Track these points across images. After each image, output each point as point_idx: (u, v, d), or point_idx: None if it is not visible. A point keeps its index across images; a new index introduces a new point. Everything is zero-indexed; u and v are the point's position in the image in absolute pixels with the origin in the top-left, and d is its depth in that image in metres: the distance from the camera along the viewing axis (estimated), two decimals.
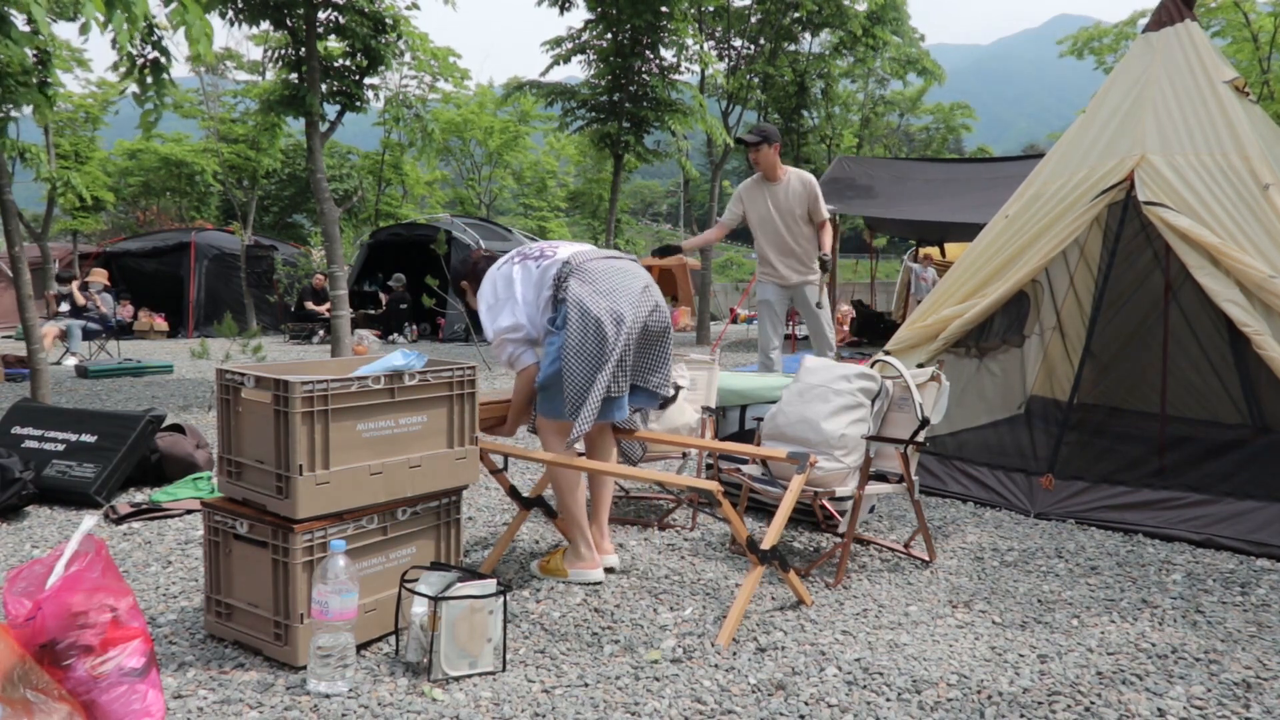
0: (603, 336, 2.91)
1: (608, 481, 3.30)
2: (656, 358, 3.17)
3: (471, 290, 3.30)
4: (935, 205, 11.29)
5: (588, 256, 3.08)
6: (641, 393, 3.20)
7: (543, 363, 3.02)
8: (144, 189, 21.28)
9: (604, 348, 2.91)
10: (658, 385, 3.19)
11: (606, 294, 2.98)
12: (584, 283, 2.99)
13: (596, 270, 3.03)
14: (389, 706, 2.22)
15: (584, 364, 2.91)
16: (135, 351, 11.51)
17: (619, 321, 2.94)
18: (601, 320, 2.91)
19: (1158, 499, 3.87)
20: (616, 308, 2.96)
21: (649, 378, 3.17)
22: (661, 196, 55.50)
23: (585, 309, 2.92)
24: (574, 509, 3.10)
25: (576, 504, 3.10)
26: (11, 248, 5.96)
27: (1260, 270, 3.75)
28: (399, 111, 9.17)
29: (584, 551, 3.11)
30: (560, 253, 3.11)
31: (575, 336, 2.91)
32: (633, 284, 3.05)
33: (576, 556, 3.11)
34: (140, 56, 5.21)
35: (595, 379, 2.90)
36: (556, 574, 3.13)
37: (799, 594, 2.93)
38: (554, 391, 2.97)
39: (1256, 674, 2.50)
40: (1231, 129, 4.06)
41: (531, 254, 3.15)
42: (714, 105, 14.92)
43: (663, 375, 3.19)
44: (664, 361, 3.19)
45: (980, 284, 4.54)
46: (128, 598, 2.05)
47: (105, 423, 4.27)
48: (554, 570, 3.14)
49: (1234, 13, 13.08)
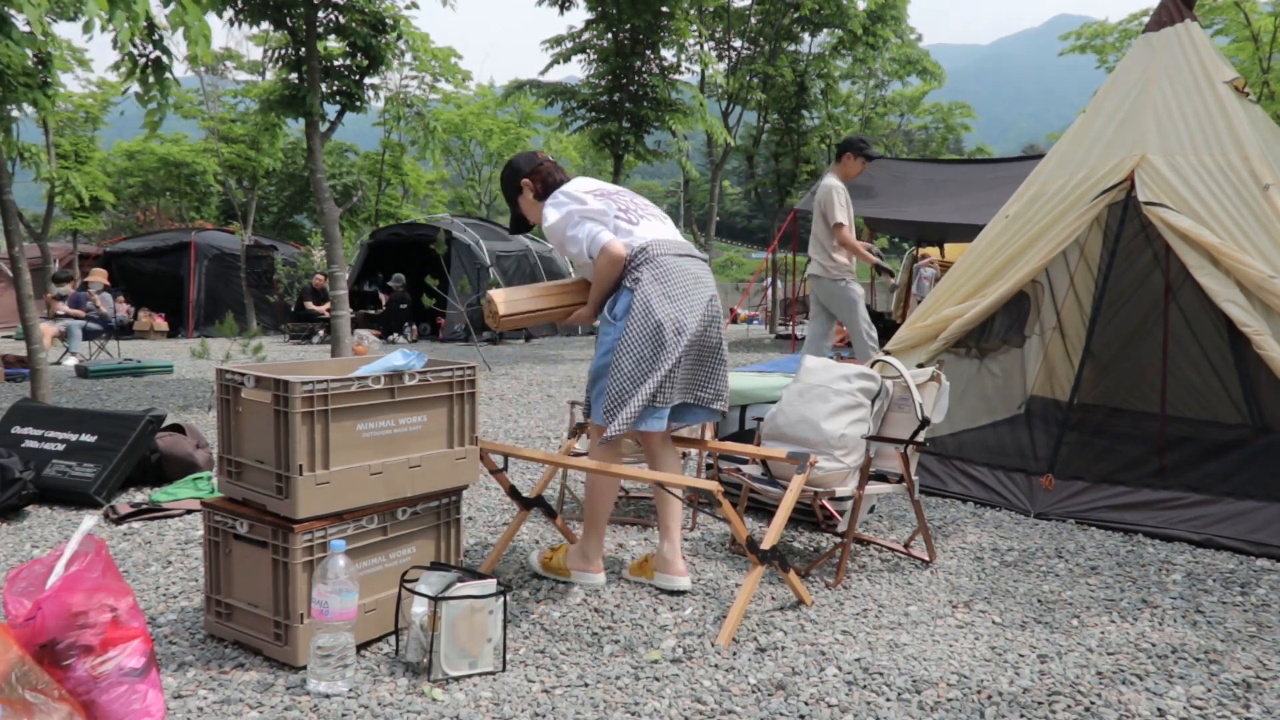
0: (661, 342, 2.78)
1: (674, 501, 3.10)
2: (709, 372, 3.00)
3: (533, 191, 3.09)
4: (935, 205, 11.28)
5: (665, 249, 2.91)
6: (696, 408, 3.05)
7: (597, 352, 2.91)
8: (144, 189, 21.28)
9: (659, 354, 2.79)
10: (710, 400, 3.02)
11: (675, 298, 2.84)
12: (656, 280, 2.84)
13: (671, 268, 2.87)
14: (389, 706, 2.22)
15: (634, 365, 2.79)
16: (135, 351, 11.51)
17: (680, 331, 2.82)
18: (663, 325, 2.79)
19: (1158, 499, 3.87)
20: (681, 316, 2.83)
21: (700, 392, 3.01)
22: (661, 196, 55.51)
23: (650, 309, 2.80)
24: (600, 513, 3.02)
25: (605, 509, 3.03)
26: (11, 248, 5.96)
27: (1260, 270, 3.75)
28: (400, 111, 9.17)
29: (591, 555, 3.05)
30: (641, 229, 2.95)
31: (634, 334, 2.79)
32: (702, 293, 2.92)
33: (584, 559, 3.05)
34: (142, 56, 5.22)
35: (642, 384, 2.79)
36: (558, 572, 3.08)
37: (799, 594, 2.93)
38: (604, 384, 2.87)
39: (1256, 674, 2.50)
40: (1231, 129, 4.06)
41: (619, 203, 2.98)
42: (714, 105, 14.92)
43: (714, 389, 3.02)
44: (716, 376, 3.02)
45: (981, 284, 4.54)
46: (128, 598, 2.05)
47: (105, 423, 4.27)
48: (556, 568, 3.09)
49: (1235, 13, 13.08)
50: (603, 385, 2.86)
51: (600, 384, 2.88)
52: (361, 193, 21.86)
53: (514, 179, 3.15)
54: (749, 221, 56.50)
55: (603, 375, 2.87)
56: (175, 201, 22.20)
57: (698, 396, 2.99)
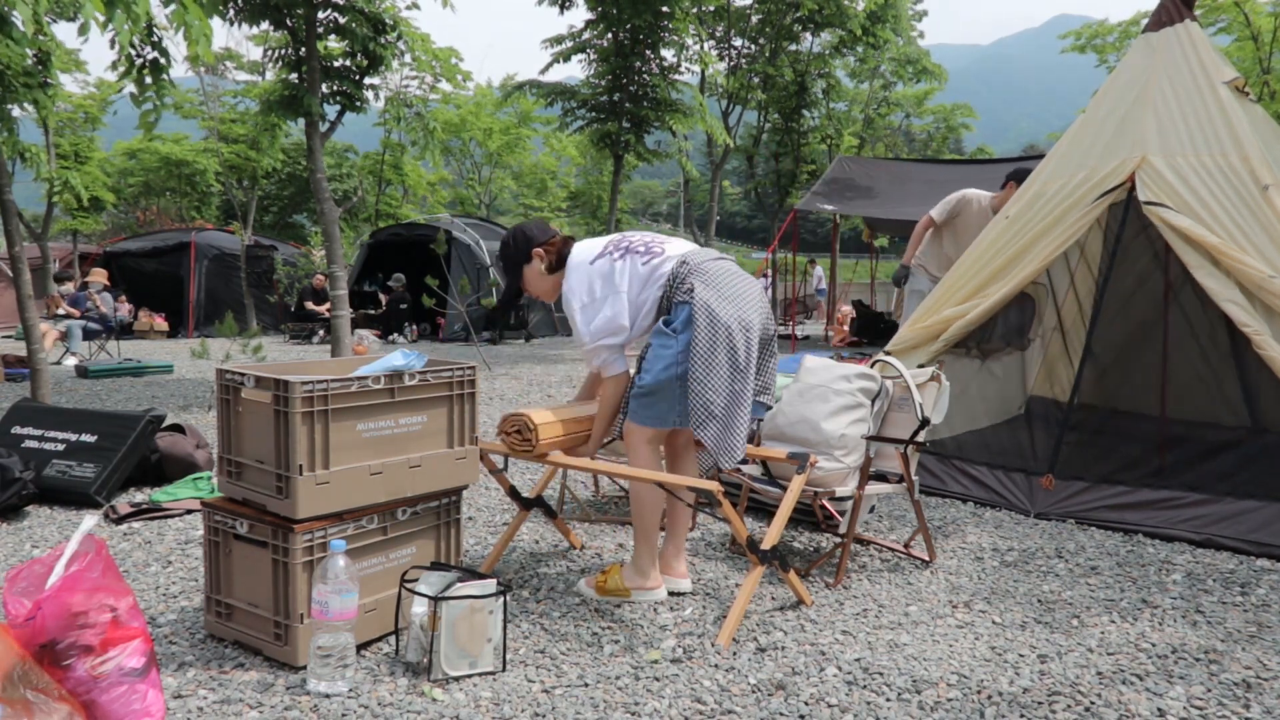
0: (733, 346, 2.74)
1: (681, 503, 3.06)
2: (761, 365, 2.97)
3: (546, 262, 2.96)
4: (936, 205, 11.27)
5: (703, 256, 2.87)
6: None
7: (650, 366, 2.78)
8: (144, 189, 21.28)
9: (735, 358, 2.75)
10: (759, 393, 2.98)
11: (732, 299, 2.78)
12: (708, 285, 2.77)
13: (716, 272, 2.82)
14: (389, 706, 2.22)
15: (714, 375, 2.72)
16: (135, 351, 11.51)
17: (747, 329, 2.78)
18: (732, 329, 2.74)
19: (1158, 499, 3.87)
20: (744, 315, 2.78)
21: (761, 395, 2.99)
22: (661, 196, 55.53)
23: (715, 315, 2.73)
24: (651, 527, 2.91)
25: (655, 522, 2.92)
26: (11, 248, 5.96)
27: (1260, 270, 3.76)
28: (399, 111, 9.17)
29: (649, 570, 2.92)
30: (670, 249, 2.90)
31: (704, 344, 2.71)
32: (751, 289, 2.86)
33: (641, 576, 2.92)
34: (139, 57, 5.22)
35: (733, 394, 2.74)
36: (617, 594, 2.91)
37: (799, 594, 2.93)
38: (659, 399, 2.77)
39: (1256, 674, 2.50)
40: (1231, 129, 4.07)
41: (635, 248, 2.90)
42: (714, 105, 14.92)
43: (763, 382, 2.99)
44: (766, 369, 2.99)
45: (981, 284, 4.54)
46: (128, 598, 2.05)
47: (105, 423, 4.27)
48: (614, 590, 2.91)
49: (1236, 12, 13.08)
50: (656, 400, 2.76)
51: (653, 398, 2.77)
52: (361, 193, 21.86)
53: (525, 246, 2.98)
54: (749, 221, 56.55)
55: (658, 391, 2.76)
56: (175, 201, 22.20)
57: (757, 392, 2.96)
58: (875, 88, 21.59)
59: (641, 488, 2.89)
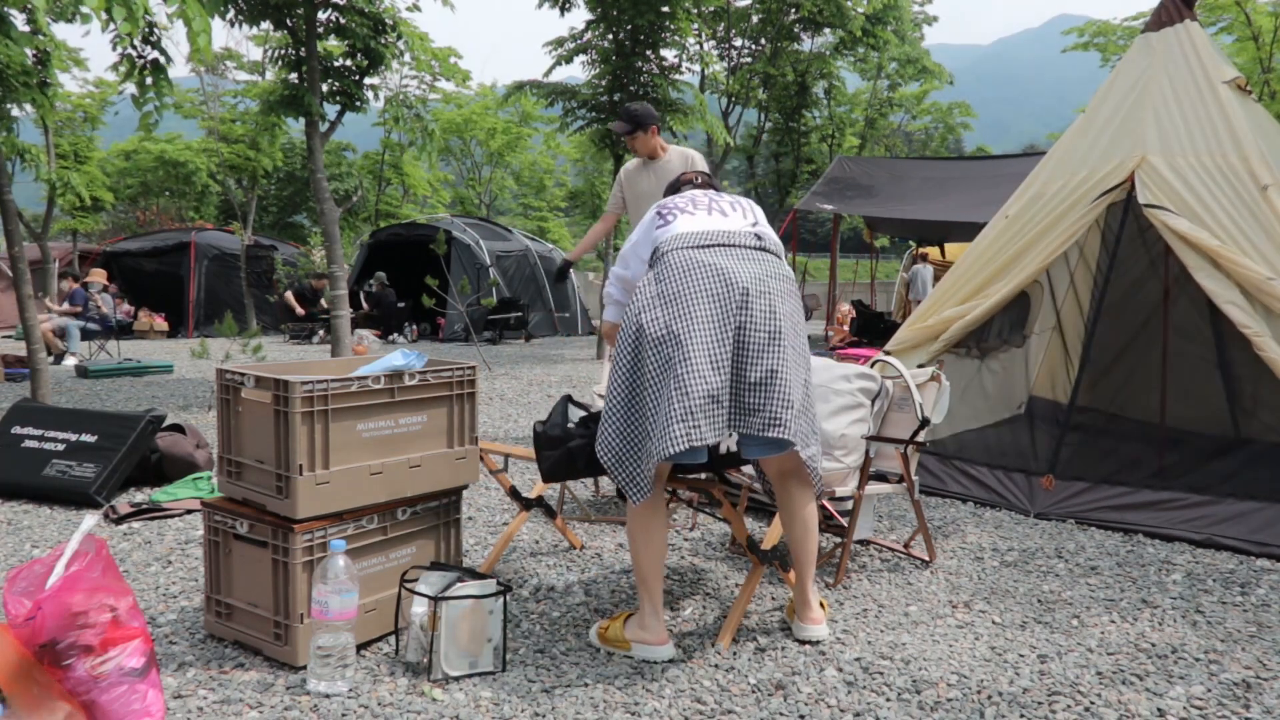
0: (637, 359, 2.34)
1: (810, 535, 2.59)
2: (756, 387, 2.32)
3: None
4: (935, 205, 11.29)
5: (685, 242, 2.44)
6: (752, 441, 2.45)
7: None
8: (142, 189, 21.27)
9: (638, 370, 2.36)
10: (762, 428, 2.31)
11: (671, 299, 2.32)
12: (654, 280, 2.40)
13: (677, 263, 2.38)
14: (389, 706, 2.22)
15: (616, 392, 2.40)
16: (135, 351, 11.50)
17: (670, 341, 2.28)
18: (643, 338, 2.33)
19: (1158, 499, 3.87)
20: (672, 321, 2.30)
21: (750, 419, 2.32)
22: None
23: (636, 321, 2.37)
24: (644, 567, 2.50)
25: (647, 561, 2.49)
26: (11, 248, 5.96)
27: (1259, 272, 3.75)
28: (399, 111, 9.17)
29: (650, 621, 2.51)
30: (676, 225, 2.52)
31: (619, 358, 2.37)
32: (718, 288, 2.33)
33: (641, 627, 2.53)
34: (140, 57, 5.22)
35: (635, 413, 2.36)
36: (615, 643, 2.55)
37: None
38: None
39: (1256, 674, 2.50)
40: (1231, 130, 4.06)
41: (669, 210, 2.61)
42: (714, 104, 14.91)
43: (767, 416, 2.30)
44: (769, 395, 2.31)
45: (981, 284, 4.54)
46: (128, 598, 2.05)
47: (105, 423, 4.27)
48: (614, 639, 2.56)
49: (1236, 12, 13.08)
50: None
51: None
52: (361, 193, 21.85)
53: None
54: None
55: None
56: (174, 201, 22.19)
57: (748, 421, 2.32)
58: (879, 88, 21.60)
59: (631, 534, 2.52)
